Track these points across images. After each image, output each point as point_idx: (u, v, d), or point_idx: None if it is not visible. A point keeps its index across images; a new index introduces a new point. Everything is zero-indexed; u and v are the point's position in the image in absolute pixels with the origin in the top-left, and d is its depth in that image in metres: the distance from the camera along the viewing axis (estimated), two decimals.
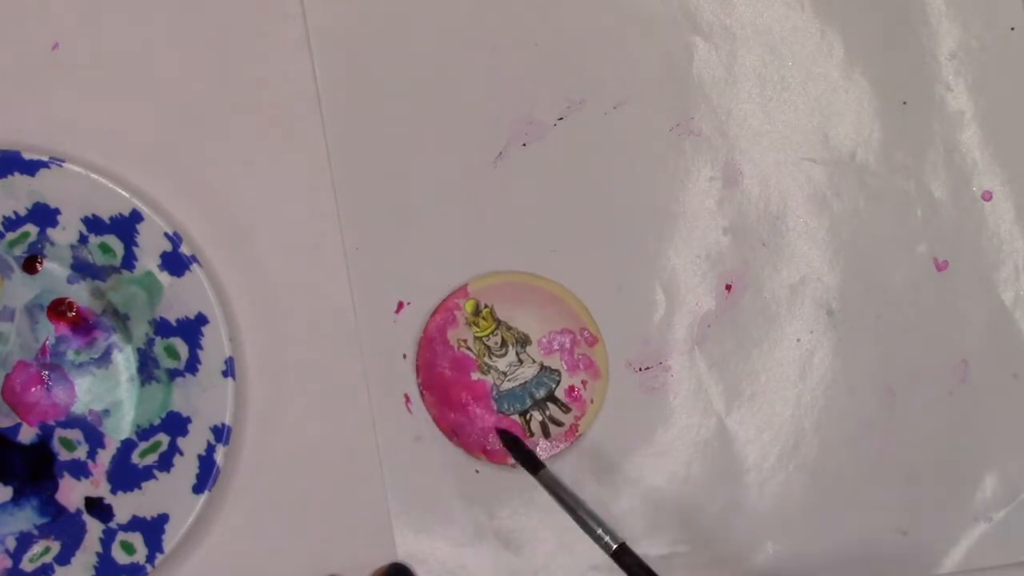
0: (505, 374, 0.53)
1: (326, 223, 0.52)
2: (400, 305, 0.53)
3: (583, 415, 0.53)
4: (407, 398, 0.52)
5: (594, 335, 0.53)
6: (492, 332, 0.53)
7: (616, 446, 0.53)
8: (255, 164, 0.52)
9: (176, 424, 0.51)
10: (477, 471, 0.53)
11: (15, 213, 0.50)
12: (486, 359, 0.53)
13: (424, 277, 0.53)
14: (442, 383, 0.52)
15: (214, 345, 0.50)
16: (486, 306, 0.53)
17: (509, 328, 0.53)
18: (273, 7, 0.53)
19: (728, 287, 0.54)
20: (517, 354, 0.53)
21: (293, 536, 0.51)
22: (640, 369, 0.53)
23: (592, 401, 0.53)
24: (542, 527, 0.52)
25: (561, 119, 0.54)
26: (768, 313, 0.54)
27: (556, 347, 0.53)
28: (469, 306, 0.53)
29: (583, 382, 0.53)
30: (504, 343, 0.53)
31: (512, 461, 0.52)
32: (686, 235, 0.54)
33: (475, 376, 0.53)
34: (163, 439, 0.51)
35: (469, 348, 0.53)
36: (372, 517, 0.52)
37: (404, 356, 0.53)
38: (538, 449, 0.52)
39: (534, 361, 0.53)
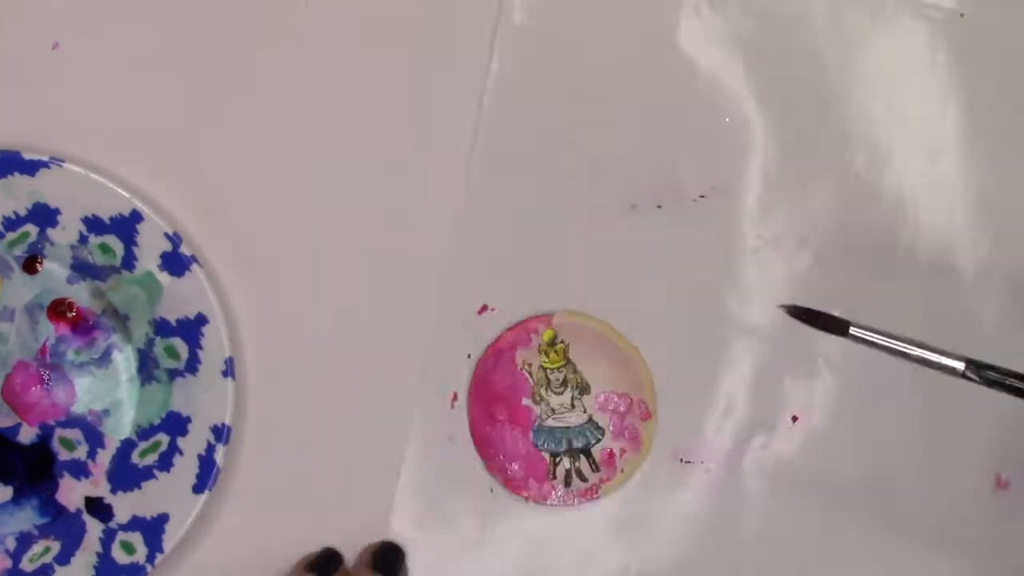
0: (554, 411, 0.52)
1: (327, 222, 0.52)
2: (483, 308, 0.53)
3: (609, 481, 0.52)
4: (455, 396, 0.52)
5: (650, 410, 0.52)
6: (559, 368, 0.53)
7: (630, 518, 0.52)
8: (255, 164, 0.52)
9: (176, 424, 0.51)
10: (491, 490, 0.52)
11: (15, 213, 0.50)
12: (542, 390, 0.52)
13: (517, 290, 0.52)
14: (492, 395, 0.52)
15: (214, 345, 0.50)
16: (562, 341, 0.53)
17: (575, 371, 0.53)
18: (274, 5, 0.53)
19: (794, 419, 0.53)
20: (572, 398, 0.52)
21: (293, 536, 0.51)
22: (683, 460, 0.53)
23: (623, 471, 0.52)
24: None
25: (703, 197, 0.53)
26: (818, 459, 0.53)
27: (611, 407, 0.52)
28: (547, 335, 0.53)
29: (622, 450, 0.52)
30: (565, 382, 0.52)
31: (527, 494, 0.52)
32: (771, 355, 0.53)
33: (525, 401, 0.52)
34: (163, 439, 0.51)
35: (531, 373, 0.52)
36: (373, 517, 0.52)
37: (468, 356, 0.53)
38: (553, 494, 0.52)
39: (585, 411, 0.52)
